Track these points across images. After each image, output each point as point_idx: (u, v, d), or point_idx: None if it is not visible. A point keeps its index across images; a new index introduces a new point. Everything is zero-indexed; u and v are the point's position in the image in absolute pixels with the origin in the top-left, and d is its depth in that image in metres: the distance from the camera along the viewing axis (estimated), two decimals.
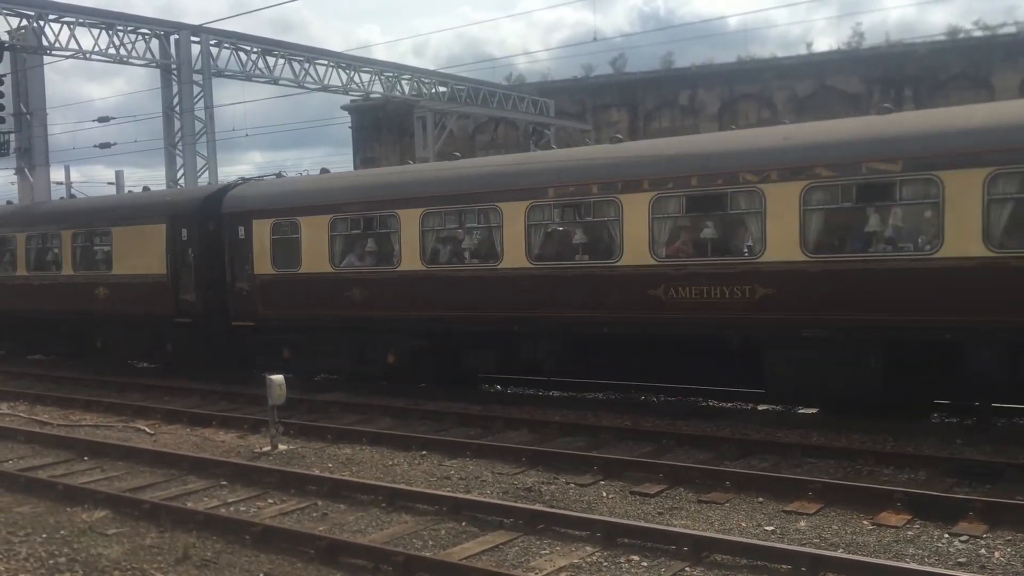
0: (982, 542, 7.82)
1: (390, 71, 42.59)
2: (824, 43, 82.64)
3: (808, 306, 11.92)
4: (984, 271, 10.82)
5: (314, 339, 17.50)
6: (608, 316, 13.50)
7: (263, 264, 17.73)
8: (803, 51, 45.94)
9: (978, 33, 40.33)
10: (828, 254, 11.96)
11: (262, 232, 17.75)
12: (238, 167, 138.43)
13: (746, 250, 12.59)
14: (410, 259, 15.63)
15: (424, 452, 12.06)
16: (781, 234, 12.02)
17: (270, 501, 10.07)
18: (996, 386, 11.46)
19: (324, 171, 20.00)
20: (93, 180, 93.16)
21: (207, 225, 18.91)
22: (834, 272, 11.81)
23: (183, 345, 19.81)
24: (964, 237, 10.91)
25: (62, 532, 9.09)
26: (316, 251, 16.90)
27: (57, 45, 32.60)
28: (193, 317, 19.02)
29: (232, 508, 9.82)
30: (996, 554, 7.54)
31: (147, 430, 14.37)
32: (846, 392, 12.17)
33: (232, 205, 18.61)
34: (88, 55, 33.53)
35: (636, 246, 13.18)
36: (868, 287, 11.52)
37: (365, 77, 41.32)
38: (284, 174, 21.12)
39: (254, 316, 17.97)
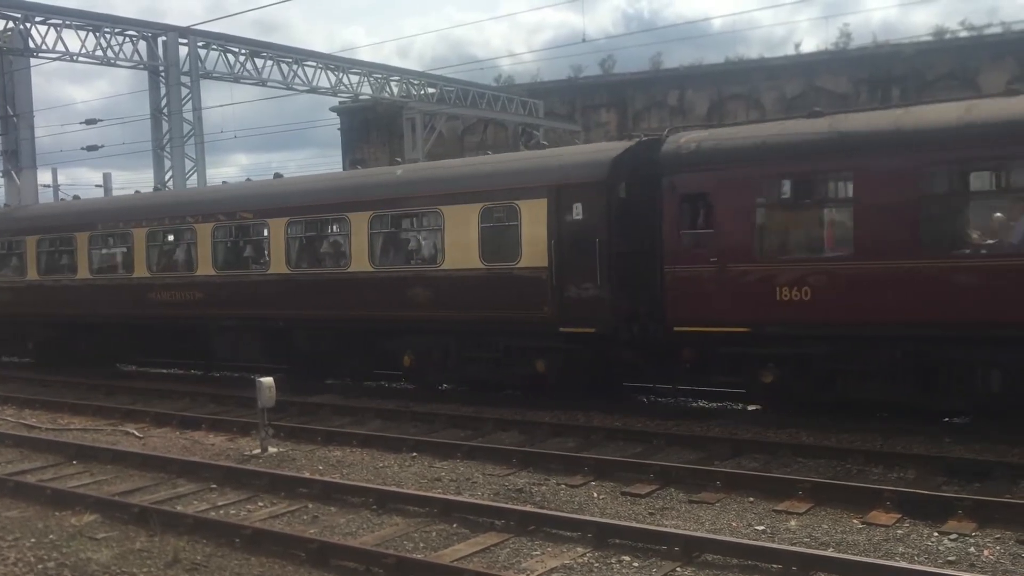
0: (971, 540, 7.86)
1: (379, 72, 42.53)
2: (808, 44, 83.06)
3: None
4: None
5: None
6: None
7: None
8: (790, 51, 46.10)
9: (964, 33, 40.54)
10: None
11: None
12: (223, 169, 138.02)
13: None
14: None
15: (415, 454, 12.04)
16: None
17: (260, 504, 10.04)
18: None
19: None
20: (79, 183, 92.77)
21: None
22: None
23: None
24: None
25: (51, 536, 9.04)
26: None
27: (44, 47, 32.42)
28: None
29: (222, 511, 9.78)
30: (985, 552, 7.58)
31: (136, 433, 14.31)
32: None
33: None
34: (75, 57, 33.37)
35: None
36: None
37: (354, 79, 41.26)
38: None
39: None
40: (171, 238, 19.82)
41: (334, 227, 17.23)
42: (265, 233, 17.91)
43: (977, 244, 11.58)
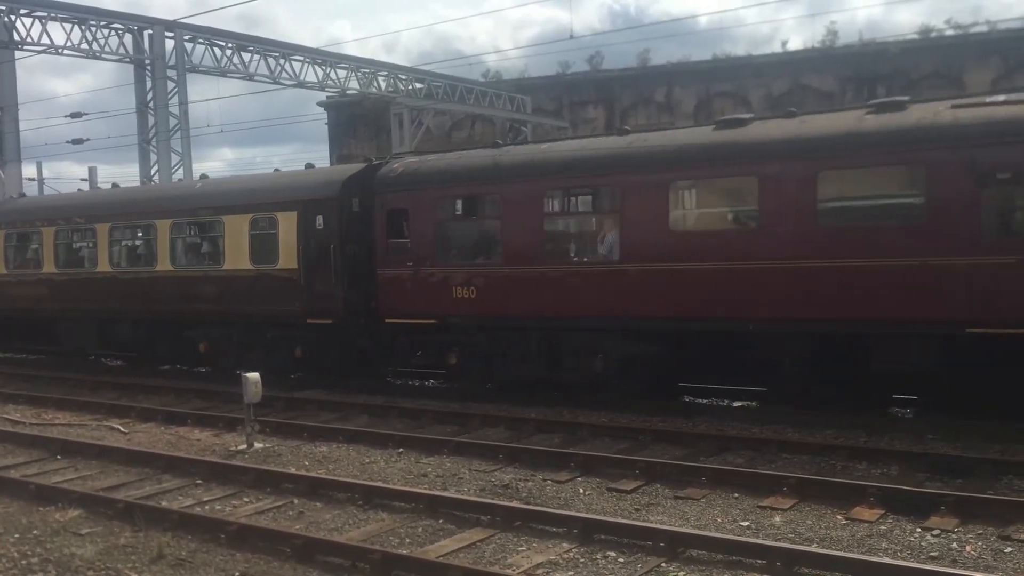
0: (954, 536, 7.92)
1: (366, 67, 42.40)
2: (794, 42, 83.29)
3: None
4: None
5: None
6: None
7: None
8: (777, 49, 46.21)
9: (950, 32, 40.75)
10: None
11: None
12: (209, 163, 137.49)
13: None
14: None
15: (401, 450, 12.04)
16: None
17: (246, 500, 10.02)
18: None
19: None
20: (63, 176, 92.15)
21: None
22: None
23: None
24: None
25: (35, 532, 9.01)
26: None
27: (29, 40, 32.19)
28: None
29: (207, 507, 9.76)
30: (968, 548, 7.64)
31: (121, 429, 14.25)
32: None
33: None
34: (60, 50, 33.15)
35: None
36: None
37: (341, 73, 41.11)
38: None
39: None
40: (23, 240, 22.65)
41: (146, 232, 19.80)
42: (94, 236, 20.54)
43: (580, 254, 14.75)
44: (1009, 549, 7.57)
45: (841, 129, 12.34)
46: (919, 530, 8.10)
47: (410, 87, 43.67)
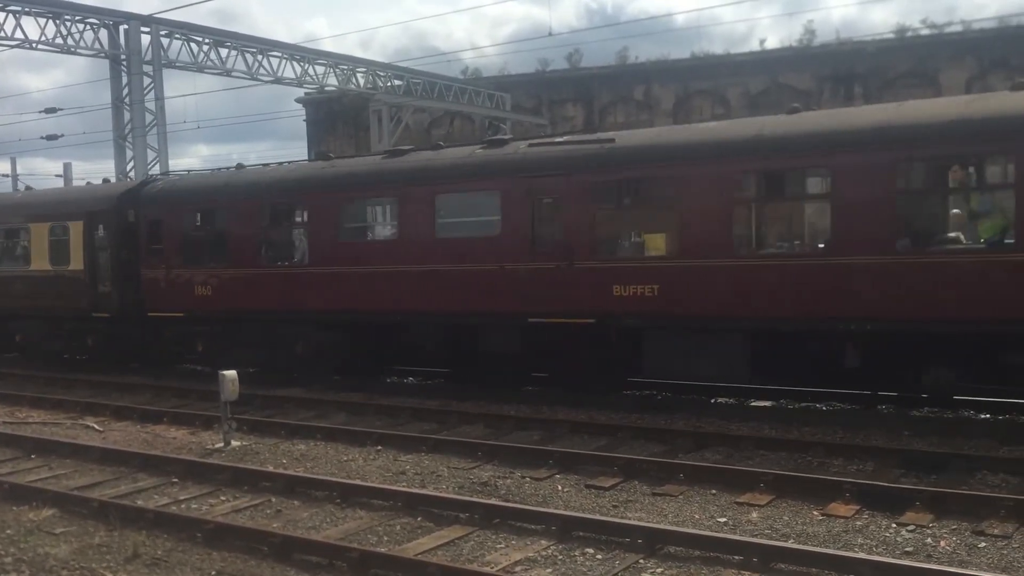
0: (928, 531, 7.99)
1: (345, 64, 42.21)
2: (771, 41, 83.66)
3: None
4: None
5: None
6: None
7: None
8: (755, 48, 46.43)
9: (925, 32, 41.11)
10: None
11: None
12: (186, 160, 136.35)
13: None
14: None
15: (379, 447, 12.01)
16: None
17: (222, 498, 9.96)
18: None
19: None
20: (37, 173, 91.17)
21: None
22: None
23: None
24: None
25: (8, 532, 8.92)
26: None
27: (2, 34, 31.83)
28: None
29: (183, 506, 9.70)
30: (942, 543, 7.71)
31: (96, 427, 14.13)
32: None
33: None
34: (34, 45, 32.81)
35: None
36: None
37: (319, 69, 40.91)
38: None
39: None
40: None
41: None
42: None
43: (286, 258, 17.75)
44: (983, 544, 7.64)
45: (455, 161, 15.51)
46: (894, 526, 8.17)
47: (389, 84, 43.51)
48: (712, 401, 14.26)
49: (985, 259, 11.08)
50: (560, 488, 9.82)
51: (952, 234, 11.86)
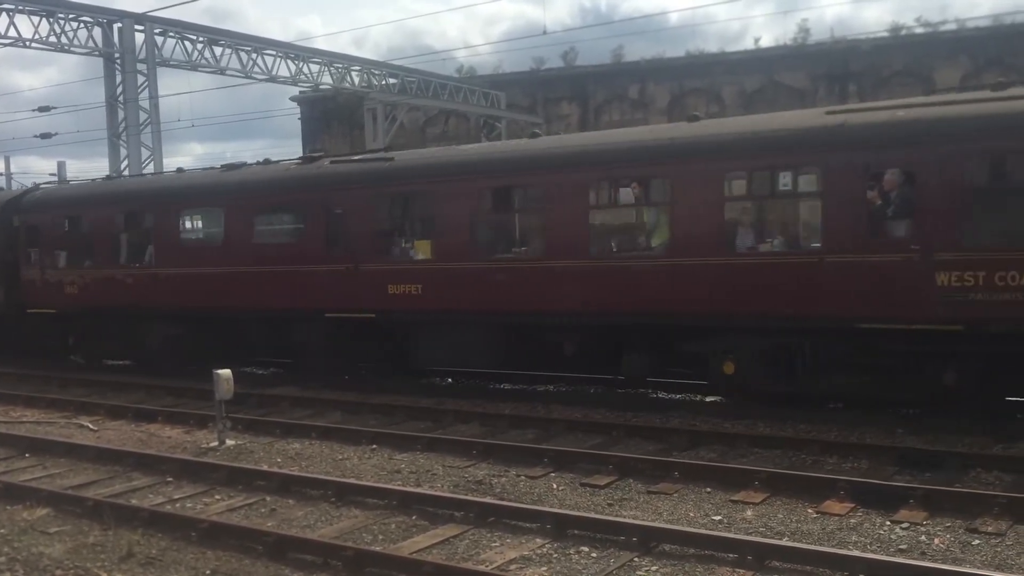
0: (922, 529, 8.01)
1: (339, 62, 42.15)
2: (765, 39, 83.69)
3: None
4: None
5: None
6: None
7: None
8: (749, 46, 46.42)
9: (920, 30, 41.19)
10: None
11: None
12: (179, 158, 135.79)
13: None
14: None
15: (374, 446, 12.00)
16: None
17: (217, 497, 9.95)
18: None
19: None
20: (31, 171, 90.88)
21: None
22: None
23: None
24: None
25: (2, 531, 8.90)
26: None
27: None
28: None
29: (178, 505, 9.69)
30: (936, 541, 7.73)
31: (90, 426, 14.10)
32: None
33: None
34: (28, 43, 32.73)
35: None
36: None
37: (314, 68, 40.85)
38: None
39: None
40: None
41: None
42: None
43: (139, 260, 19.42)
44: (977, 541, 7.66)
45: (269, 176, 17.76)
46: (888, 523, 8.18)
47: (383, 82, 43.46)
48: (707, 400, 14.25)
49: (655, 264, 13.20)
50: (555, 486, 9.83)
51: (639, 241, 13.99)
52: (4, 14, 31.69)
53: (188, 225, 19.25)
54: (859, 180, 11.51)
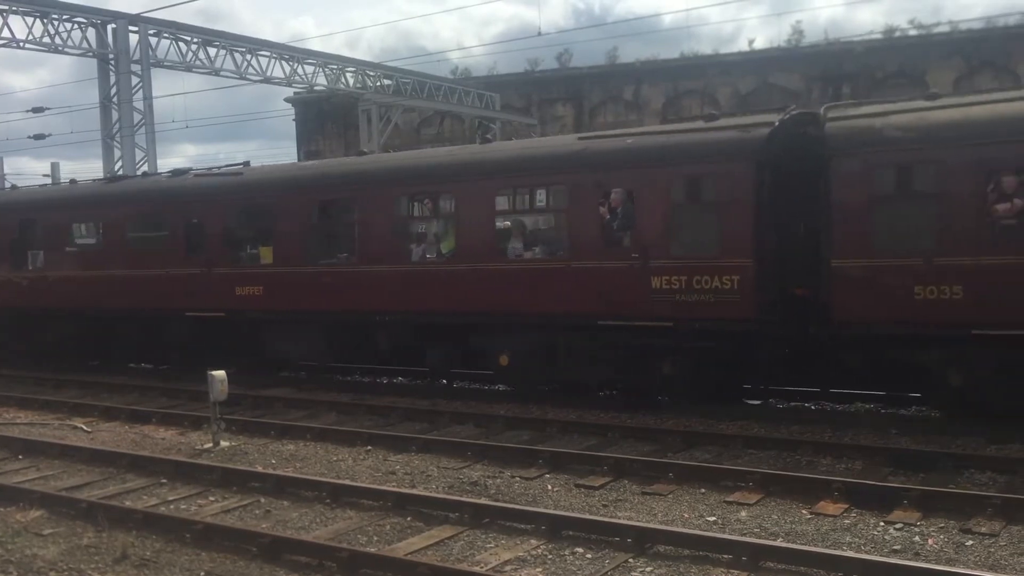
0: (916, 530, 8.03)
1: (334, 63, 42.10)
2: (759, 41, 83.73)
3: None
4: None
5: None
6: None
7: None
8: (743, 48, 46.53)
9: (913, 32, 41.32)
10: None
11: None
12: (174, 159, 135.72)
13: None
14: None
15: (369, 447, 12.00)
16: None
17: (211, 499, 9.93)
18: None
19: None
20: (24, 172, 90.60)
21: None
22: None
23: None
24: None
25: None
26: None
27: None
28: None
29: (172, 506, 9.67)
30: (930, 541, 7.75)
31: (84, 428, 14.07)
32: None
33: None
34: (21, 44, 32.63)
35: None
36: None
37: (308, 69, 40.78)
38: None
39: None
40: None
41: None
42: None
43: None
44: (970, 542, 7.68)
45: (140, 187, 20.06)
46: (882, 524, 8.20)
47: (378, 83, 43.42)
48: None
49: (444, 269, 14.99)
50: (550, 487, 9.83)
51: (433, 249, 15.54)
52: None
53: (74, 232, 20.94)
54: (595, 198, 13.53)
